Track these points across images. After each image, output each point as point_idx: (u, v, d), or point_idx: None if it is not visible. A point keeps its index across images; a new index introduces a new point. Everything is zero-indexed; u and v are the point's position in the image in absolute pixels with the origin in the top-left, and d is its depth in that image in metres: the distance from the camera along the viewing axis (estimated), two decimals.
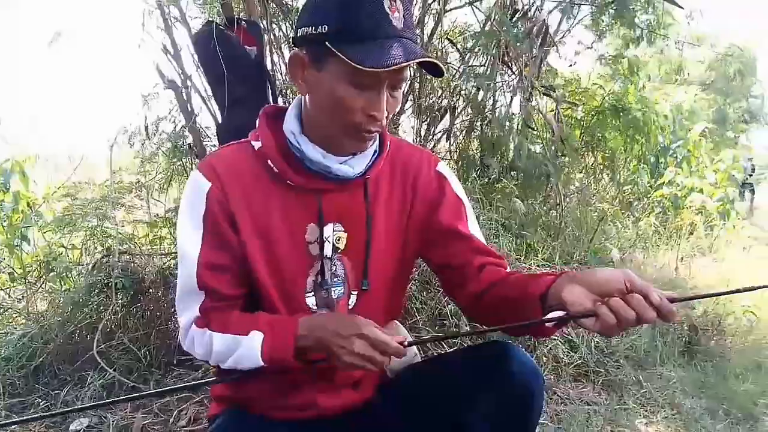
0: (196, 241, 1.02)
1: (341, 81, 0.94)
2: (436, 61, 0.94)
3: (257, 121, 1.09)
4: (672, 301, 0.83)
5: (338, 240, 1.09)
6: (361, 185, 1.09)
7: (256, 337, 0.98)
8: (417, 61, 0.92)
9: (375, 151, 1.10)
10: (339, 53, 0.90)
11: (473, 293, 1.08)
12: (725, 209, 5.51)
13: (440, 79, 3.90)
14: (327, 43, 0.91)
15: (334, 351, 0.94)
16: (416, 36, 0.99)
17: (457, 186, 1.18)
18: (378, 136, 1.07)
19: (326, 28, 0.92)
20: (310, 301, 1.09)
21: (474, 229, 1.15)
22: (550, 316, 0.91)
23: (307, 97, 1.02)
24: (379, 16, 0.91)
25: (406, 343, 0.96)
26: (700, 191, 5.45)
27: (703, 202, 5.31)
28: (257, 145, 1.05)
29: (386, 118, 1.00)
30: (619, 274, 0.85)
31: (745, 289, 0.90)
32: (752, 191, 10.82)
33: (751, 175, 10.63)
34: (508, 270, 1.12)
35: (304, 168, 1.04)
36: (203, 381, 1.07)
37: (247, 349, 0.98)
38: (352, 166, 1.05)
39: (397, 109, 1.06)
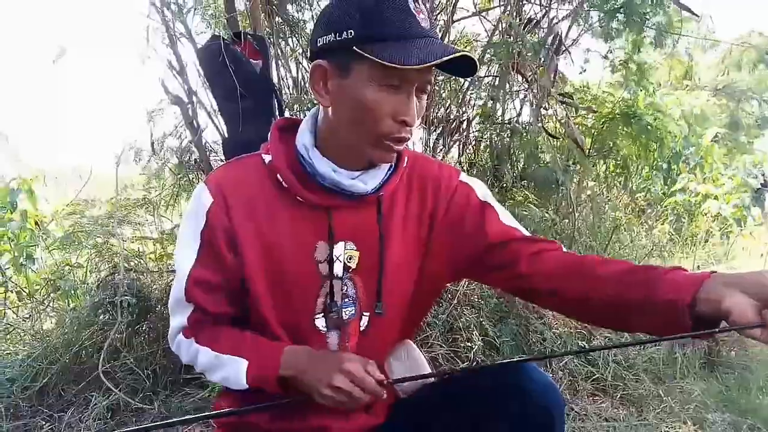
0: (190, 256, 1.00)
1: (370, 86, 0.90)
2: (472, 55, 0.90)
3: (269, 134, 1.05)
4: None
5: (350, 259, 1.04)
6: (375, 202, 1.04)
7: (241, 364, 0.97)
8: (453, 56, 0.87)
9: (390, 167, 1.05)
10: (369, 55, 0.87)
11: (541, 280, 1.00)
12: (741, 215, 5.41)
13: (449, 89, 3.89)
14: (355, 47, 0.88)
15: (313, 384, 0.92)
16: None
17: (481, 190, 1.11)
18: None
19: (352, 33, 0.89)
20: (320, 323, 1.04)
21: (508, 222, 1.08)
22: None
23: (329, 109, 0.97)
24: (405, 16, 0.89)
25: (386, 383, 0.94)
26: (715, 198, 5.35)
27: (719, 209, 5.21)
28: (268, 158, 1.02)
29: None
30: None
31: None
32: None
33: (766, 181, 10.47)
34: (566, 251, 1.03)
35: (315, 184, 1.00)
36: (212, 414, 1.03)
37: (232, 372, 0.98)
38: (365, 182, 1.00)
39: (422, 116, 1.02)
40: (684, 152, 5.93)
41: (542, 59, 3.39)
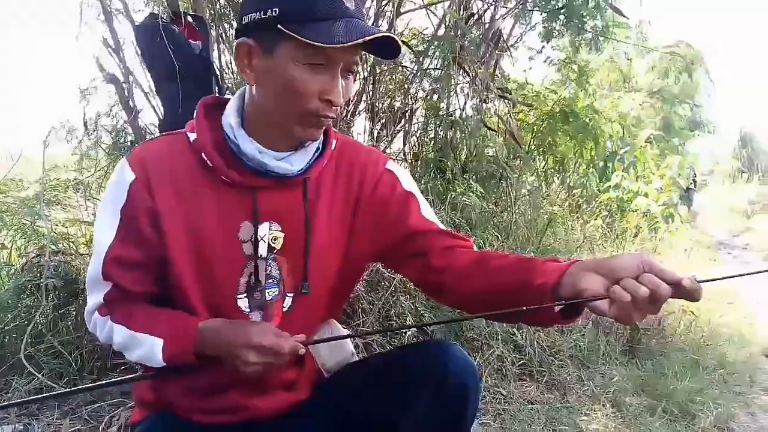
0: (109, 232, 0.99)
1: (295, 65, 0.91)
2: (394, 36, 0.92)
3: (195, 112, 1.04)
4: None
5: (274, 240, 1.04)
6: (301, 184, 1.04)
7: (156, 343, 0.96)
8: (375, 36, 0.89)
9: (317, 149, 1.06)
10: (294, 34, 0.87)
11: (449, 277, 1.02)
12: (669, 213, 5.70)
13: (394, 80, 3.92)
14: (279, 25, 0.88)
15: (231, 362, 0.94)
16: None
17: (406, 181, 1.13)
18: (322, 133, 1.03)
19: (277, 11, 0.89)
20: (242, 303, 1.04)
21: (428, 215, 1.11)
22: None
23: (254, 87, 0.98)
24: None
25: (304, 341, 0.98)
26: (645, 195, 5.62)
27: (648, 206, 5.48)
28: (193, 136, 1.01)
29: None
30: (635, 258, 0.81)
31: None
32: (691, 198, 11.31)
33: (695, 181, 11.09)
34: (476, 249, 1.07)
35: (241, 164, 1.00)
36: (130, 377, 1.04)
37: (148, 351, 0.97)
38: (291, 164, 1.01)
39: (350, 96, 1.03)
40: (619, 152, 6.19)
41: (482, 54, 3.46)
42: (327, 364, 1.19)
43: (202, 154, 0.99)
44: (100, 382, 1.05)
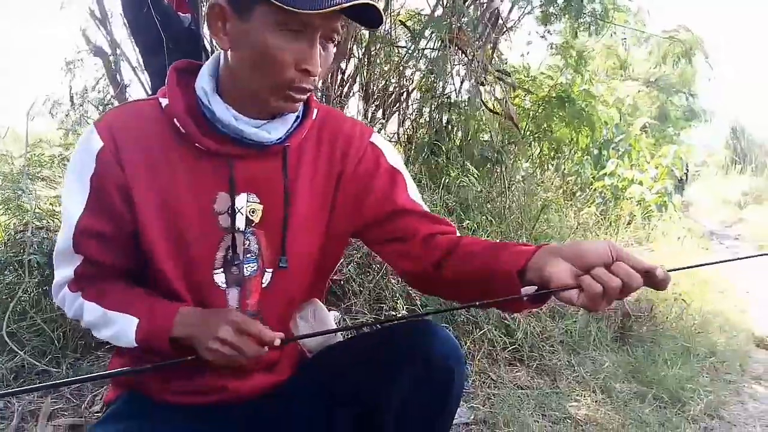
0: (79, 203, 0.93)
1: (270, 31, 0.85)
2: (374, 3, 0.86)
3: (167, 77, 0.98)
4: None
5: (252, 212, 0.99)
6: (281, 153, 0.99)
7: (130, 321, 0.93)
8: (356, 3, 0.83)
9: (297, 117, 1.01)
10: None
11: (427, 265, 1.00)
12: (663, 202, 5.70)
13: (390, 62, 3.85)
14: None
15: (200, 339, 0.89)
16: None
17: (392, 156, 1.09)
18: (303, 101, 0.98)
19: None
20: (219, 278, 0.99)
21: (414, 197, 1.08)
22: (527, 290, 0.85)
23: (228, 52, 0.92)
24: None
25: (280, 339, 0.91)
26: (640, 183, 5.61)
27: (642, 194, 5.47)
28: (164, 102, 0.95)
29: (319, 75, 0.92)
30: (603, 244, 0.79)
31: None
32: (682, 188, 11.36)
33: (687, 172, 11.13)
34: (458, 235, 1.05)
35: (216, 131, 0.95)
36: (112, 372, 1.01)
37: (120, 329, 0.94)
38: (269, 131, 0.96)
39: (328, 67, 0.98)
40: (614, 139, 6.17)
41: (479, 34, 3.41)
42: (310, 344, 1.16)
43: (175, 120, 0.94)
44: (111, 371, 1.02)
